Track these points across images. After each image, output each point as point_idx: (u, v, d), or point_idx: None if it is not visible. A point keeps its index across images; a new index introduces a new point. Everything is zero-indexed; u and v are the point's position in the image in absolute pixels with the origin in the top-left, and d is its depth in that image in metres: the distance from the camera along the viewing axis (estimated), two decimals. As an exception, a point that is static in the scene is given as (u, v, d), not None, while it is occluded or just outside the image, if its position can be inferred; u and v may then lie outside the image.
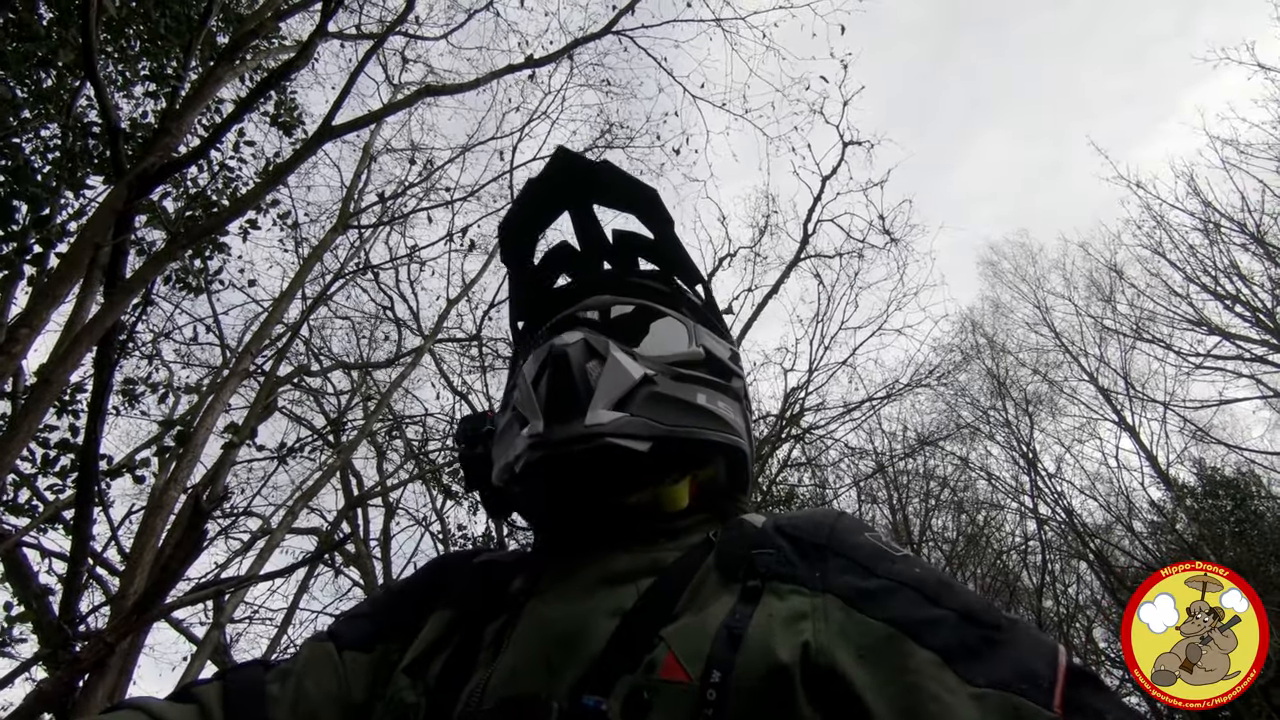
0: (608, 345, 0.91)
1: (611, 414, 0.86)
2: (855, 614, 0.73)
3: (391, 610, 0.97)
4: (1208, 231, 14.99)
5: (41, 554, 5.59)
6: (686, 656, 0.71)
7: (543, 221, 1.10)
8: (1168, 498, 14.96)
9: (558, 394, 0.86)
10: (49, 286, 3.77)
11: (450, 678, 0.81)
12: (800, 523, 0.89)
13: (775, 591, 0.77)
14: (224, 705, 0.84)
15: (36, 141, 5.84)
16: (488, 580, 0.96)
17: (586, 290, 1.10)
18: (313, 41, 4.71)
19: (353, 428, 10.24)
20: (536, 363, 0.91)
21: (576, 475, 0.90)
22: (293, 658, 0.93)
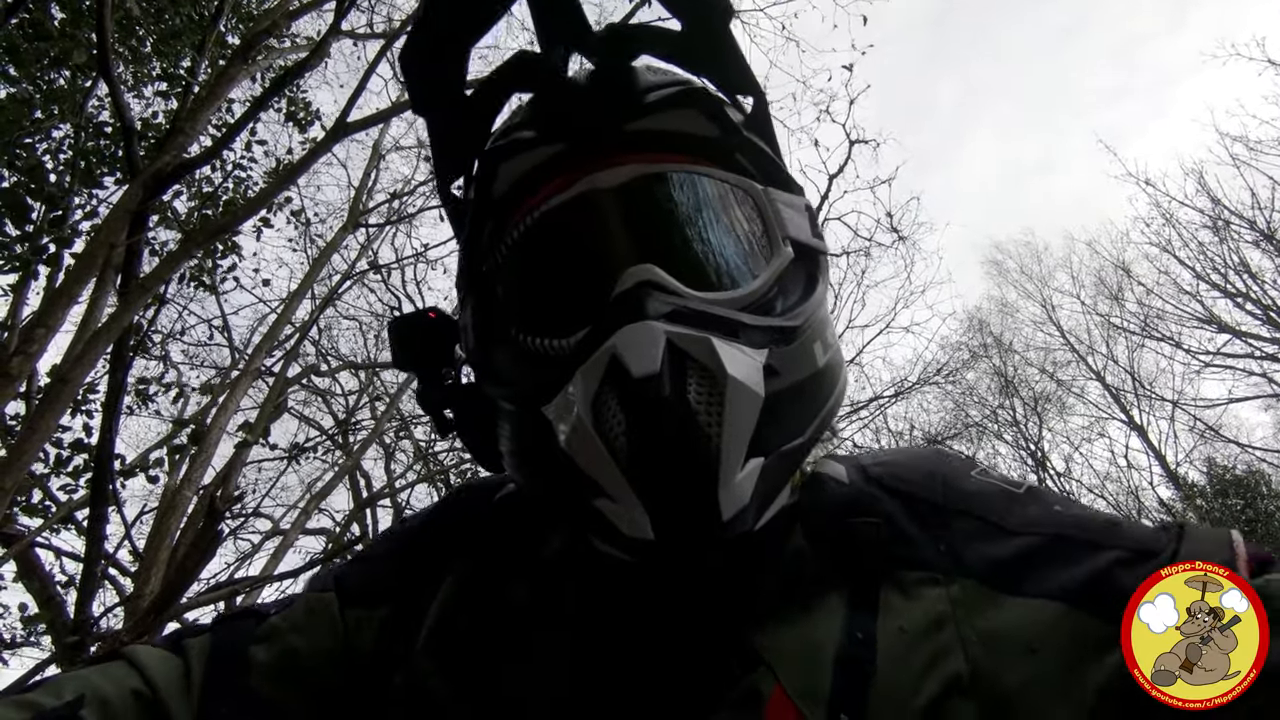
0: (712, 349, 0.57)
1: (748, 477, 0.58)
2: (1007, 599, 0.58)
3: (404, 559, 0.79)
4: (1217, 229, 14.95)
5: (55, 554, 5.63)
6: (800, 691, 0.55)
7: (478, 19, 0.69)
8: (1177, 497, 14.91)
9: (668, 470, 0.56)
10: (64, 287, 3.81)
11: (480, 666, 0.65)
12: (902, 471, 0.70)
13: (899, 585, 0.60)
14: (205, 665, 0.70)
15: (49, 142, 5.88)
16: (510, 526, 0.76)
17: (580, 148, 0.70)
18: (326, 40, 4.74)
19: (362, 428, 10.26)
20: (592, 389, 0.58)
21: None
22: (286, 609, 0.76)
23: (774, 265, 0.68)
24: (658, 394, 0.55)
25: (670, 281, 0.61)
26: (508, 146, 0.71)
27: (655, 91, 0.70)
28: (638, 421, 0.56)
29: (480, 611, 0.69)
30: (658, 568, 0.60)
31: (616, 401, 0.57)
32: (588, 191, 0.67)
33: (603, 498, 0.59)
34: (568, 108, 0.71)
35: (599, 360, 0.58)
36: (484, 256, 0.74)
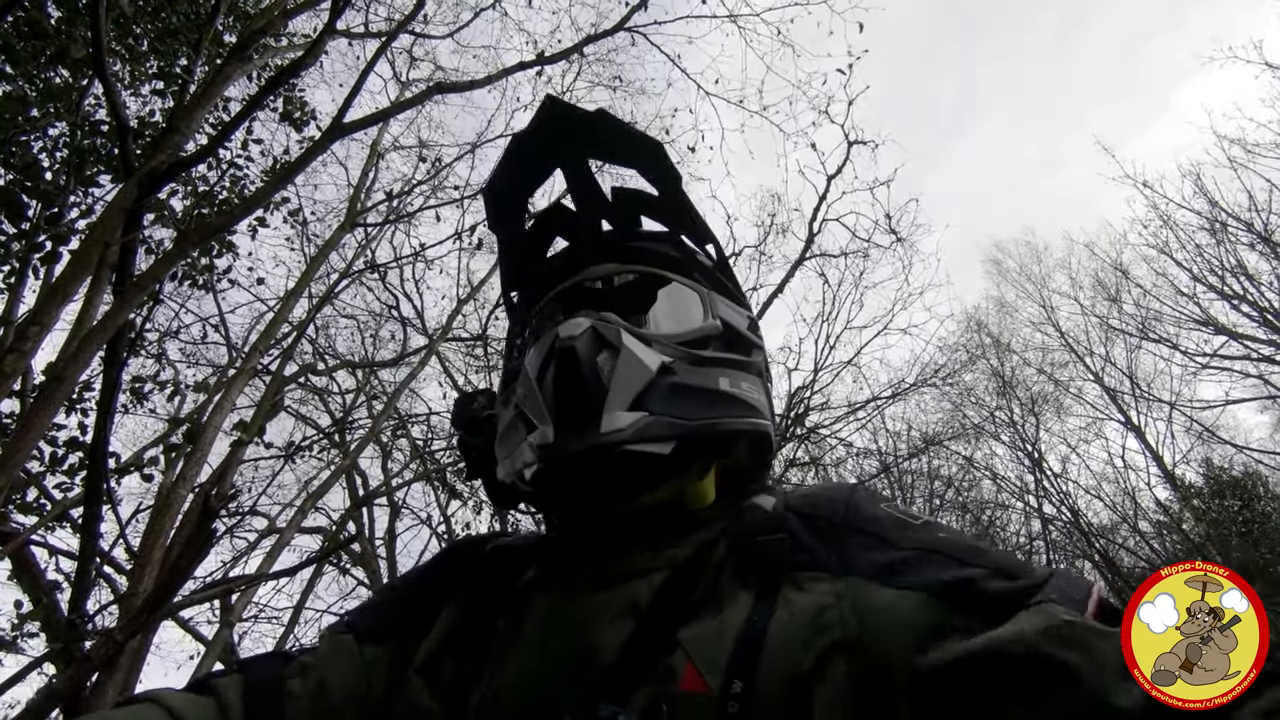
0: (619, 333, 0.81)
1: (629, 415, 0.77)
2: (882, 590, 0.69)
3: (407, 601, 0.93)
4: (1214, 230, 14.96)
5: (49, 552, 5.62)
6: (706, 665, 0.67)
7: (533, 181, 0.97)
8: (1174, 498, 14.94)
9: (567, 397, 0.77)
10: (58, 285, 3.79)
11: (464, 680, 0.78)
12: (814, 500, 0.84)
13: (794, 582, 0.73)
14: (244, 700, 0.80)
15: (45, 140, 5.86)
16: (499, 569, 0.92)
17: (586, 256, 0.98)
18: (322, 39, 4.73)
19: (358, 427, 10.26)
20: (540, 355, 0.82)
21: (592, 482, 0.81)
22: (312, 650, 0.88)
23: (698, 326, 0.91)
24: (568, 344, 0.77)
25: (605, 313, 0.84)
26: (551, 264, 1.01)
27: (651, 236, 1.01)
28: (558, 366, 0.78)
29: (468, 640, 0.83)
30: (555, 465, 0.78)
31: (551, 364, 0.79)
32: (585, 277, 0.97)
33: (532, 431, 0.80)
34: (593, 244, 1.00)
35: (546, 339, 0.82)
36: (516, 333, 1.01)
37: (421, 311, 10.77)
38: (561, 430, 0.77)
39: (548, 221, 1.01)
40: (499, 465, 0.89)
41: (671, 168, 0.95)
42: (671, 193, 0.97)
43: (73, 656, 3.48)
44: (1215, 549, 12.75)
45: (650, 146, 0.93)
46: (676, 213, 0.99)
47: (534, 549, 0.95)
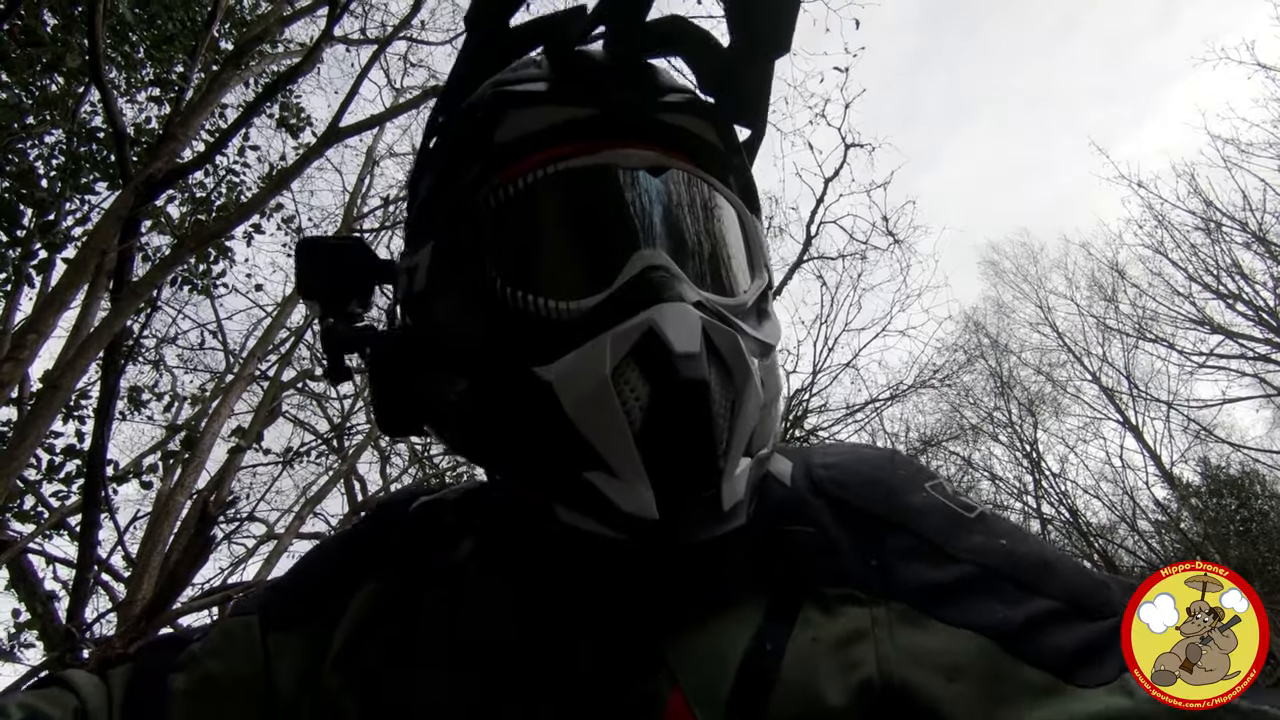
0: (738, 345, 0.59)
1: (744, 473, 0.60)
2: (934, 624, 0.56)
3: (320, 582, 0.75)
4: (1209, 230, 15.03)
5: (47, 560, 5.60)
6: (699, 697, 0.54)
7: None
8: (1172, 497, 14.95)
9: (686, 449, 0.56)
10: (55, 292, 3.79)
11: (387, 680, 0.64)
12: (844, 477, 0.68)
13: (820, 602, 0.58)
14: (126, 692, 0.70)
15: (41, 147, 5.86)
16: (425, 532, 0.74)
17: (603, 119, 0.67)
18: (318, 46, 4.73)
19: (357, 432, 10.24)
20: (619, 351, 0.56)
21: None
22: (206, 636, 0.74)
23: (756, 285, 0.69)
24: (697, 374, 0.55)
25: (681, 274, 0.60)
26: (525, 94, 0.68)
27: (678, 93, 0.70)
28: (666, 397, 0.55)
29: (391, 626, 0.67)
30: (649, 548, 0.57)
31: (640, 374, 0.56)
32: (613, 164, 0.65)
33: (599, 471, 0.57)
34: (600, 80, 0.69)
35: (632, 329, 0.56)
36: (462, 198, 0.68)
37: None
38: (668, 504, 0.56)
39: (541, 31, 0.71)
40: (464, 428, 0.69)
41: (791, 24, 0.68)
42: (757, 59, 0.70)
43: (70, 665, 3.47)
44: (1214, 548, 12.77)
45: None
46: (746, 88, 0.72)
47: (467, 509, 0.76)
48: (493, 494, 0.76)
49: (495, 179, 0.66)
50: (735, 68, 0.70)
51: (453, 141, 0.73)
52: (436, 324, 0.69)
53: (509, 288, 0.62)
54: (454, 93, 0.72)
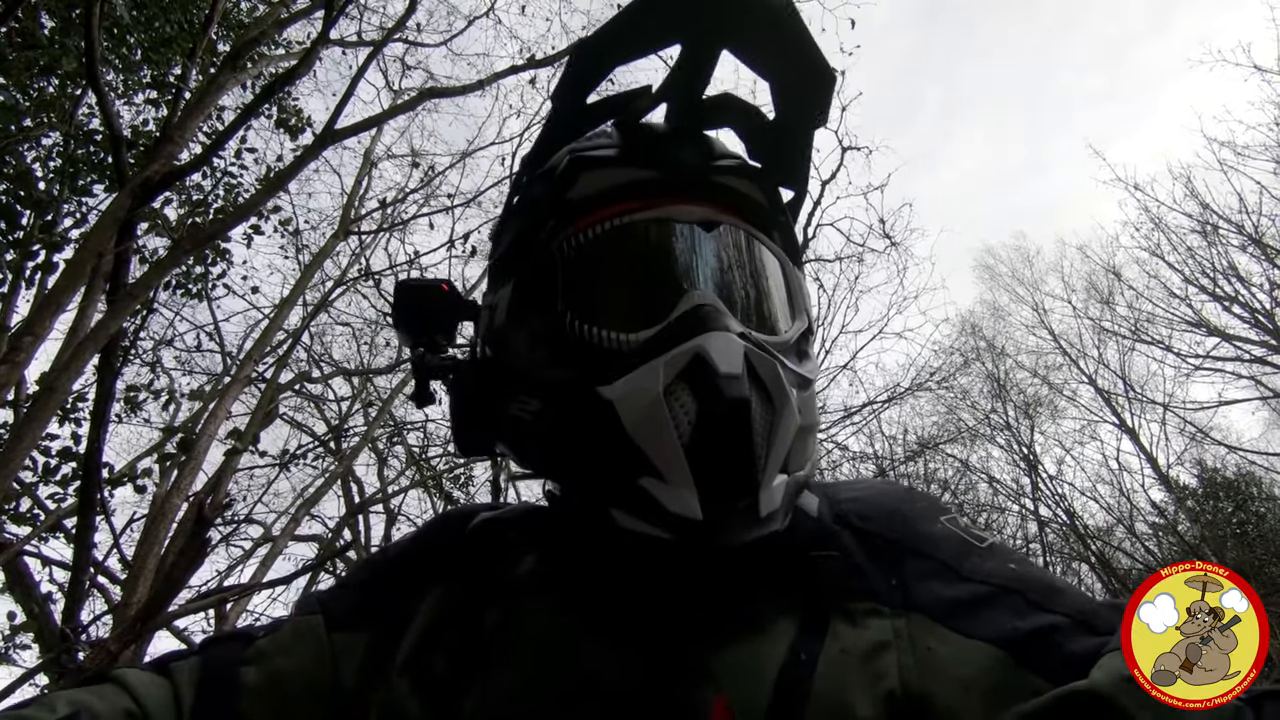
0: (778, 375, 0.66)
1: (779, 484, 0.67)
2: (950, 635, 0.61)
3: (385, 584, 0.80)
4: (1206, 233, 15.02)
5: (43, 563, 5.59)
6: (742, 706, 0.58)
7: (641, 46, 0.76)
8: (1169, 500, 14.97)
9: (728, 461, 0.63)
10: (52, 294, 3.78)
11: (449, 688, 0.67)
12: (867, 510, 0.75)
13: (847, 615, 0.64)
14: (196, 689, 0.72)
15: (38, 150, 5.86)
16: (486, 549, 0.79)
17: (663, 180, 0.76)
18: (315, 48, 4.74)
19: (354, 434, 10.24)
20: (670, 374, 0.63)
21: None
22: (274, 633, 0.78)
23: (796, 326, 0.77)
24: (738, 393, 0.62)
25: (727, 310, 0.68)
26: (597, 159, 0.76)
27: (729, 158, 0.79)
28: (711, 412, 0.62)
29: (455, 635, 0.72)
30: (693, 546, 0.63)
31: (689, 393, 0.63)
32: (670, 218, 0.74)
33: (651, 477, 0.64)
34: (661, 146, 0.78)
35: (682, 354, 0.64)
36: (538, 247, 0.77)
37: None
38: (712, 505, 0.62)
39: (616, 106, 0.79)
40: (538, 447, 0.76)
41: (829, 101, 0.76)
42: (799, 130, 0.79)
43: (66, 668, 3.46)
44: (1211, 550, 12.78)
45: (821, 68, 0.74)
46: (789, 154, 0.81)
47: (529, 529, 0.81)
48: (553, 510, 0.81)
49: (569, 230, 0.75)
50: (780, 137, 0.80)
51: (533, 198, 0.81)
52: (514, 353, 0.77)
53: (577, 321, 0.70)
54: (537, 156, 0.81)
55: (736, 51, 0.75)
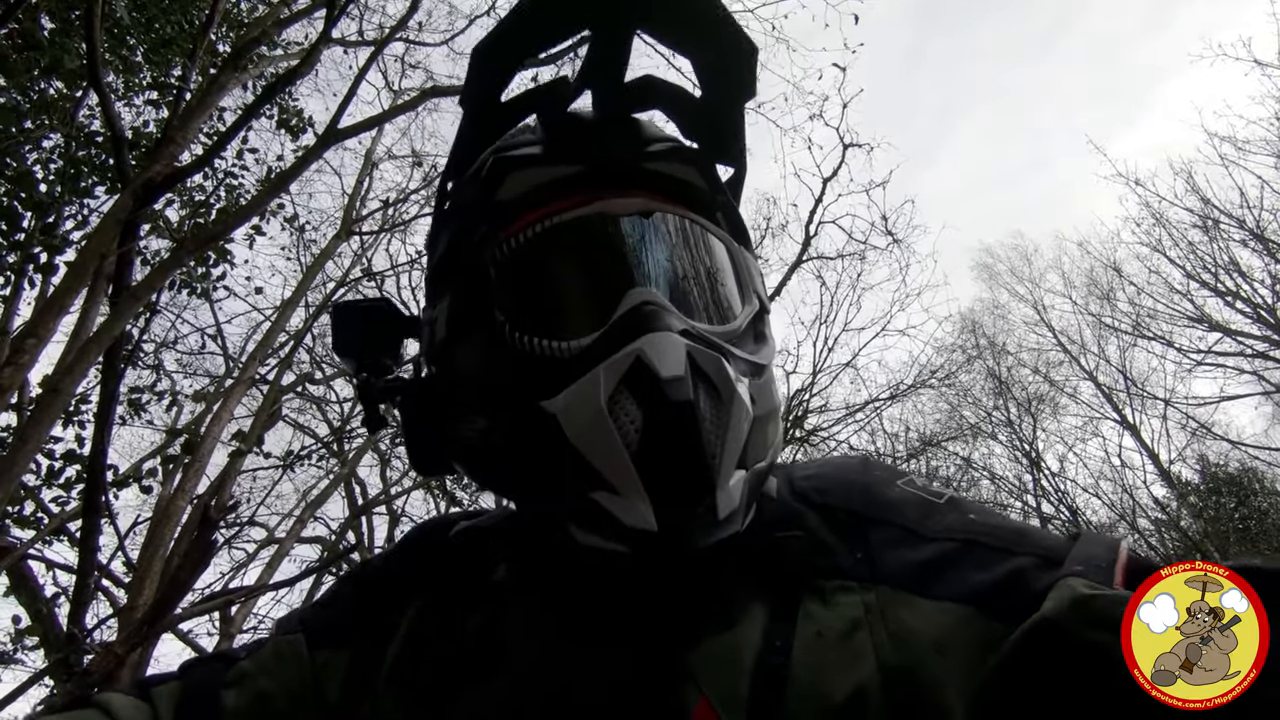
0: (724, 370, 0.63)
1: (736, 482, 0.63)
2: (918, 601, 0.60)
3: (368, 598, 0.80)
4: (1207, 228, 15.04)
5: (47, 566, 5.60)
6: (723, 701, 0.57)
7: (545, 40, 0.72)
8: (1171, 495, 14.96)
9: (677, 464, 0.60)
10: (55, 296, 3.79)
11: (436, 696, 0.67)
12: (823, 484, 0.73)
13: (818, 593, 0.63)
14: (175, 712, 0.72)
15: (40, 152, 5.87)
16: (465, 558, 0.78)
17: (592, 173, 0.74)
18: (317, 48, 4.74)
19: (356, 435, 10.25)
20: (611, 381, 0.61)
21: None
22: (256, 653, 0.77)
23: (746, 311, 0.74)
24: (682, 396, 0.59)
25: (670, 306, 0.65)
26: (522, 158, 0.73)
27: (662, 142, 0.76)
28: (657, 418, 0.60)
29: (435, 644, 0.71)
30: (652, 558, 0.61)
31: (632, 399, 0.60)
32: (603, 214, 0.71)
33: (603, 490, 0.61)
34: (588, 138, 0.75)
35: (622, 360, 0.61)
36: (471, 255, 0.74)
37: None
38: (666, 515, 0.59)
39: (532, 101, 0.76)
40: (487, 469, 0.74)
41: (753, 73, 0.73)
42: (726, 105, 0.77)
43: (72, 670, 3.47)
44: (1213, 546, 12.77)
45: (739, 40, 0.72)
46: (722, 132, 0.79)
47: (505, 535, 0.80)
48: (520, 518, 0.81)
49: (500, 235, 0.72)
50: (710, 115, 0.77)
51: (460, 205, 0.79)
52: (457, 369, 0.75)
53: (516, 332, 0.67)
54: (459, 162, 0.78)
55: (650, 34, 0.72)
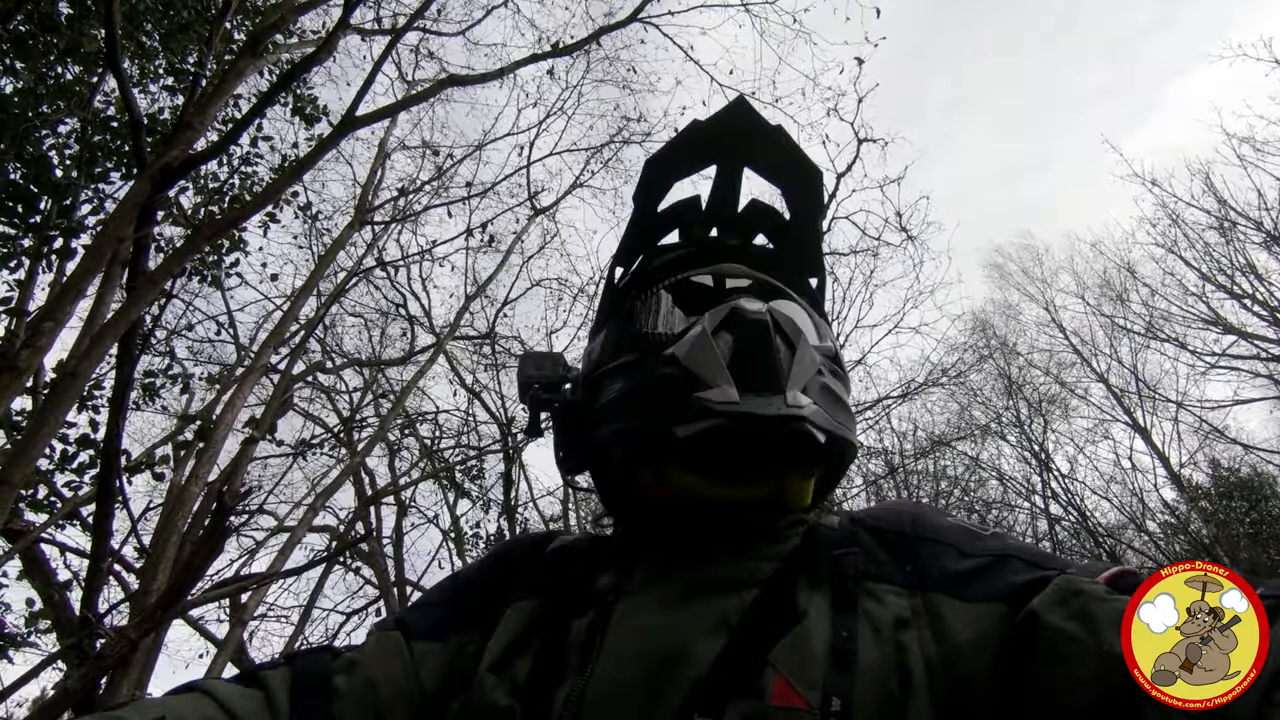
0: (795, 325, 0.84)
1: (805, 399, 0.79)
2: (958, 604, 0.71)
3: (464, 600, 0.92)
4: (1224, 229, 14.87)
5: (60, 550, 5.65)
6: (800, 680, 0.67)
7: (689, 167, 1.00)
8: (1181, 499, 14.85)
9: (757, 363, 0.79)
10: (71, 280, 3.79)
11: (541, 681, 0.76)
12: (880, 513, 0.86)
13: (871, 594, 0.75)
14: (290, 695, 0.79)
15: (57, 137, 5.89)
16: (565, 570, 0.91)
17: (712, 255, 1.00)
18: (335, 35, 4.74)
19: (366, 425, 10.29)
20: (716, 321, 0.83)
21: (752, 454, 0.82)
22: (359, 646, 0.87)
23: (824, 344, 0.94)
24: (760, 316, 0.81)
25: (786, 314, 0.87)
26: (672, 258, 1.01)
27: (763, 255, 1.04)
28: (749, 335, 0.80)
29: (542, 642, 0.81)
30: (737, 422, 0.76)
31: (727, 334, 0.81)
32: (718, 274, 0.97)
33: (705, 389, 0.78)
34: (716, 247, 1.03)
35: (722, 309, 0.83)
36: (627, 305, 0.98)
37: (429, 310, 10.80)
38: (746, 394, 0.77)
39: (681, 211, 1.04)
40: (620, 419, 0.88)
41: (821, 197, 1.01)
42: (807, 220, 1.02)
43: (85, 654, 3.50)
44: (1223, 550, 12.69)
45: (811, 172, 0.98)
46: (804, 241, 1.04)
47: (600, 553, 0.93)
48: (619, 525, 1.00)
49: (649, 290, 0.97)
50: (795, 231, 1.03)
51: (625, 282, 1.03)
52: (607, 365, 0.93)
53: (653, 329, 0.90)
54: (624, 251, 1.03)
55: (753, 167, 0.98)
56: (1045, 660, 0.61)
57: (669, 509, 0.89)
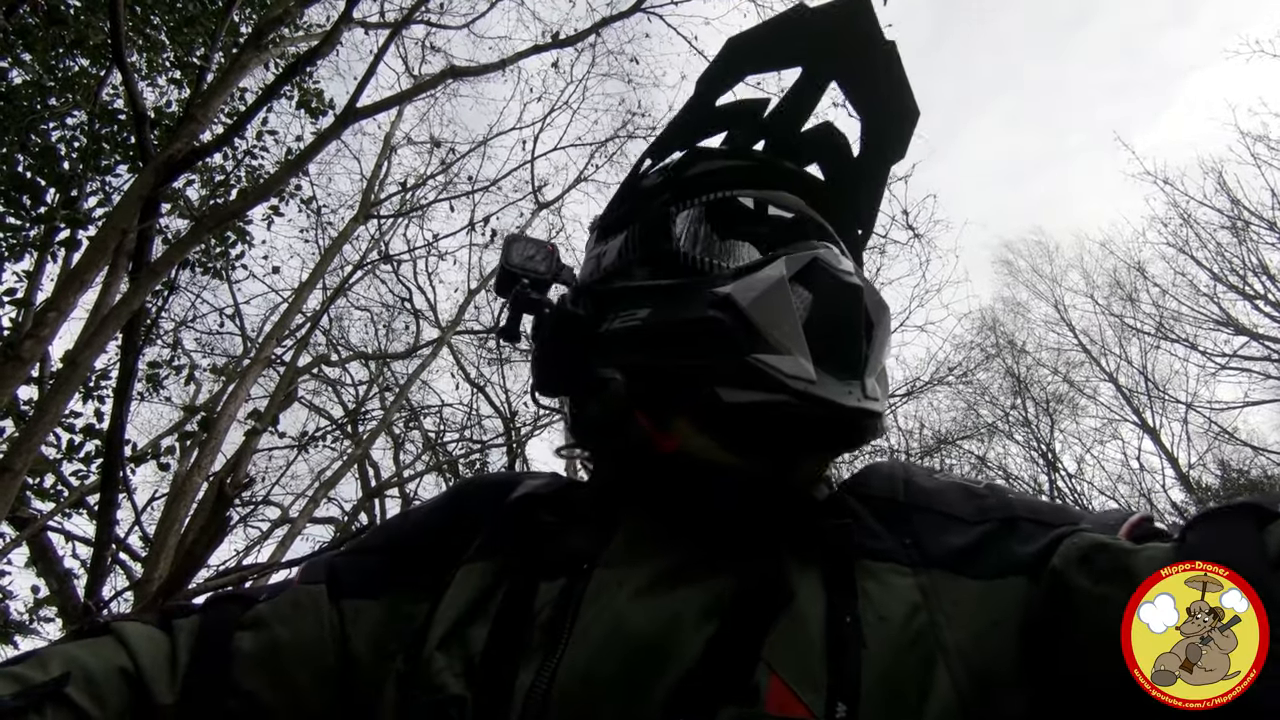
0: (879, 299, 0.74)
1: (880, 390, 0.72)
2: (971, 583, 0.63)
3: (408, 548, 0.80)
4: (1236, 229, 14.78)
5: (66, 538, 5.67)
6: (799, 681, 0.58)
7: (774, 62, 0.86)
8: (1189, 500, 14.80)
9: (842, 339, 0.69)
10: (76, 271, 3.82)
11: (498, 662, 0.66)
12: (868, 478, 0.77)
13: (871, 574, 0.65)
14: (192, 651, 0.71)
15: (64, 130, 5.92)
16: (530, 523, 0.78)
17: (769, 173, 0.87)
18: (338, 28, 4.75)
19: (371, 418, 10.31)
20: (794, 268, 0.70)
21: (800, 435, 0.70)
22: (276, 598, 0.76)
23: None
24: (854, 281, 0.70)
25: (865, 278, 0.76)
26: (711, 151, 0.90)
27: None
28: (831, 296, 0.69)
29: (503, 610, 0.70)
30: (809, 403, 0.66)
31: (804, 287, 0.70)
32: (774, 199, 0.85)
33: (763, 352, 0.67)
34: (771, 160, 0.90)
35: (803, 255, 0.71)
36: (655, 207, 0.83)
37: (434, 303, 10.82)
38: (824, 374, 0.67)
39: (740, 113, 0.90)
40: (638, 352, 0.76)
41: (906, 143, 0.87)
42: (880, 167, 0.90)
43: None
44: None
45: (913, 112, 0.85)
46: (867, 189, 0.92)
47: (573, 501, 0.81)
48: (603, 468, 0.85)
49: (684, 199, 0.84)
50: (859, 176, 0.90)
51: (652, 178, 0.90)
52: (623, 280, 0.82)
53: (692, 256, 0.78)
54: (664, 141, 0.89)
55: (844, 84, 0.85)
56: (1075, 625, 0.56)
57: (669, 468, 0.75)
